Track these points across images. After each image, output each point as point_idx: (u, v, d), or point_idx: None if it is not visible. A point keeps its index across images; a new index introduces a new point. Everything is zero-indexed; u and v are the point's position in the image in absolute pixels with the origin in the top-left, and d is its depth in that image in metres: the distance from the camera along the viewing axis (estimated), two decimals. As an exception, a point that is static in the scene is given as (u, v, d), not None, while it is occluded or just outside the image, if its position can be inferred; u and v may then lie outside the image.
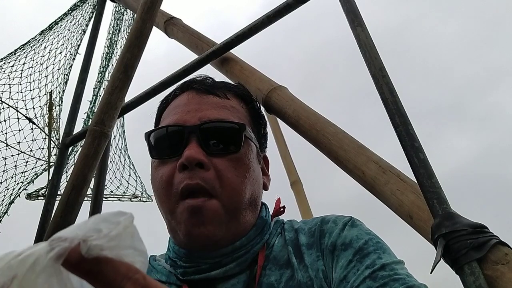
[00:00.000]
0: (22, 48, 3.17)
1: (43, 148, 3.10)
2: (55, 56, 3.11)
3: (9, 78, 3.05)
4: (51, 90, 3.11)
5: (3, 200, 3.00)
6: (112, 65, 2.97)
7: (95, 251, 0.27)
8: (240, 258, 0.74)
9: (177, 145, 0.75)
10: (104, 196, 2.02)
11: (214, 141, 0.75)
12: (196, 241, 0.72)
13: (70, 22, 3.15)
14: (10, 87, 3.04)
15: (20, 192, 3.08)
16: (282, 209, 0.86)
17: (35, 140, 3.07)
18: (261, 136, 0.88)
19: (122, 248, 0.28)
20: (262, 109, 1.50)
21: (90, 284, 0.27)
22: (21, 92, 3.06)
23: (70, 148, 2.42)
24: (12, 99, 3.05)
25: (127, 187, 3.98)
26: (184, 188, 0.71)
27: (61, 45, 3.13)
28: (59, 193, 1.82)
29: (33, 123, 3.07)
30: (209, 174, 0.72)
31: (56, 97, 3.15)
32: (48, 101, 3.12)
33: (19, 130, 3.03)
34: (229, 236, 0.73)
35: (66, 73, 3.09)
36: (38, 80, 3.08)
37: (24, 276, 0.27)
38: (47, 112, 3.14)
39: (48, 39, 3.16)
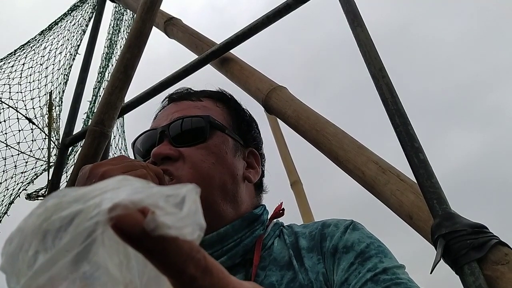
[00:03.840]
0: (22, 49, 3.17)
1: (43, 148, 3.10)
2: (55, 56, 3.11)
3: (9, 78, 3.05)
4: (51, 90, 3.11)
5: (3, 201, 2.99)
6: (112, 65, 2.96)
7: (162, 230, 0.24)
8: (230, 251, 0.74)
9: (152, 147, 0.79)
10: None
11: (183, 136, 0.79)
12: None
13: (70, 22, 3.14)
14: (10, 87, 3.04)
15: (20, 193, 3.07)
16: (281, 211, 0.86)
17: (35, 140, 3.06)
18: (244, 132, 0.89)
19: (188, 226, 0.25)
20: (262, 109, 1.50)
21: (149, 260, 0.25)
22: (21, 92, 3.06)
23: (70, 148, 2.42)
24: (12, 99, 3.05)
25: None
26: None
27: (61, 45, 3.12)
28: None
29: (33, 123, 3.07)
30: (178, 163, 0.76)
31: (56, 97, 3.15)
32: (48, 101, 3.11)
33: (19, 131, 3.02)
34: None
35: (66, 73, 3.09)
36: (38, 80, 3.08)
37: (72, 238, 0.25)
38: (47, 112, 3.13)
39: (48, 39, 3.16)
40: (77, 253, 0.25)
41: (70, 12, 3.15)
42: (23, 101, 3.08)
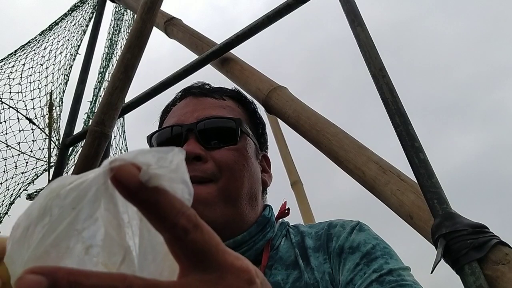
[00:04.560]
0: (22, 49, 3.17)
1: (43, 149, 3.11)
2: (55, 56, 3.11)
3: (9, 78, 3.05)
4: (52, 91, 3.12)
5: (3, 201, 3.00)
6: (113, 66, 2.96)
7: (155, 181, 0.26)
8: (243, 255, 0.73)
9: (177, 144, 0.76)
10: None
11: (211, 136, 0.77)
12: None
13: (70, 22, 3.15)
14: (10, 88, 3.05)
15: (21, 193, 3.08)
16: (287, 211, 0.87)
17: (35, 140, 3.07)
18: (259, 135, 0.89)
19: (178, 182, 0.27)
20: (263, 110, 1.50)
21: (143, 214, 0.26)
22: (22, 93, 3.06)
23: (70, 149, 2.42)
24: (12, 99, 3.05)
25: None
26: None
27: (61, 45, 3.13)
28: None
29: (34, 123, 3.08)
30: (208, 165, 0.74)
31: (56, 98, 3.15)
32: (49, 102, 3.12)
33: (20, 131, 3.03)
34: (223, 222, 0.72)
35: (66, 73, 3.09)
36: (38, 80, 3.08)
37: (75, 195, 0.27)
38: (48, 113, 3.14)
39: (48, 39, 3.16)
40: (81, 209, 0.27)
41: (70, 12, 3.15)
42: (23, 101, 3.08)
